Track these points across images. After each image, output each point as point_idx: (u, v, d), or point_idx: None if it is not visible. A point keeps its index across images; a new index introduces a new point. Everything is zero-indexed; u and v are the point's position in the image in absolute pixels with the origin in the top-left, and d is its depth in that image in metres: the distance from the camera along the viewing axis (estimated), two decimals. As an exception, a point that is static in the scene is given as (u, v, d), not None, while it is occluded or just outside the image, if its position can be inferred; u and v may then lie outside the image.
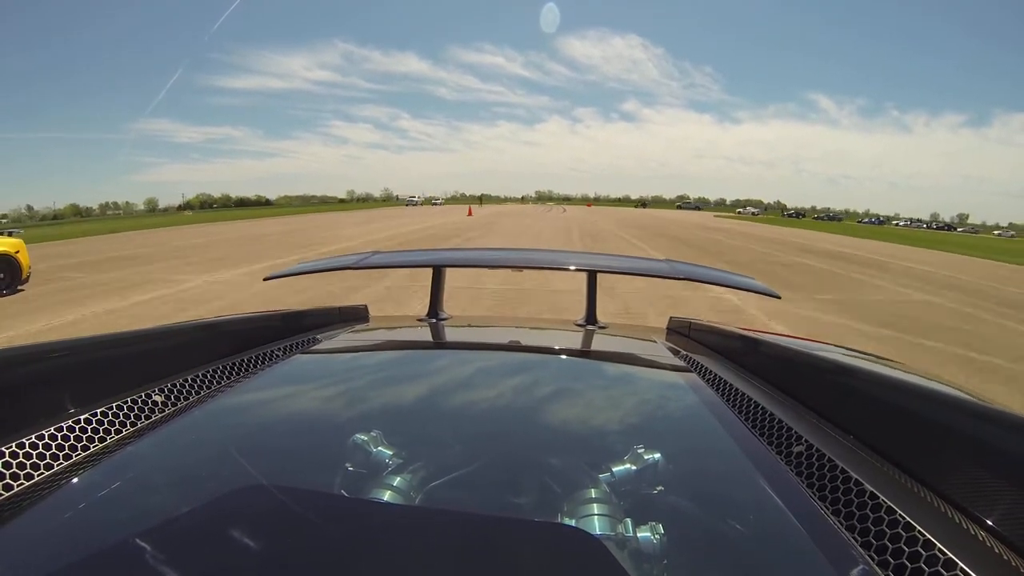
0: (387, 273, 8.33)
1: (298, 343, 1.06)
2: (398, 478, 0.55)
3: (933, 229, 75.29)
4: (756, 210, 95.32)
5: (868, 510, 0.47)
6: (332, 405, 0.80)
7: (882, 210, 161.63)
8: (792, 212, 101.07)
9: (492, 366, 0.99)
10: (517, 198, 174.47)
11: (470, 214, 34.92)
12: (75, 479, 0.54)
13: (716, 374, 0.90)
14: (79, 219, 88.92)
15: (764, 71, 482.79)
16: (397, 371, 0.97)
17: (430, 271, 1.57)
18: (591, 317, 1.47)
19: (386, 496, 0.52)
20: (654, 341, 1.20)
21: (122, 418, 0.66)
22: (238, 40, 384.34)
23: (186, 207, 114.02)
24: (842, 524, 0.46)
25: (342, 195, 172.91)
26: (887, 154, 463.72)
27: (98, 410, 0.64)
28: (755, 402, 0.74)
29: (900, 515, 0.44)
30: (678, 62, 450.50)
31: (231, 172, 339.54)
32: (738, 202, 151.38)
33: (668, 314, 2.08)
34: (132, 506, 0.50)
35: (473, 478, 0.57)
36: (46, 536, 0.44)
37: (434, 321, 1.44)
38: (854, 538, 0.44)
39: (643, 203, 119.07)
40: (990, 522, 0.44)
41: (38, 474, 0.54)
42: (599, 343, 1.27)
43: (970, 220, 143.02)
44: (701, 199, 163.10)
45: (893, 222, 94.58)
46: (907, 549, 0.42)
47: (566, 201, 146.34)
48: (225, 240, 17.47)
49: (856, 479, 0.50)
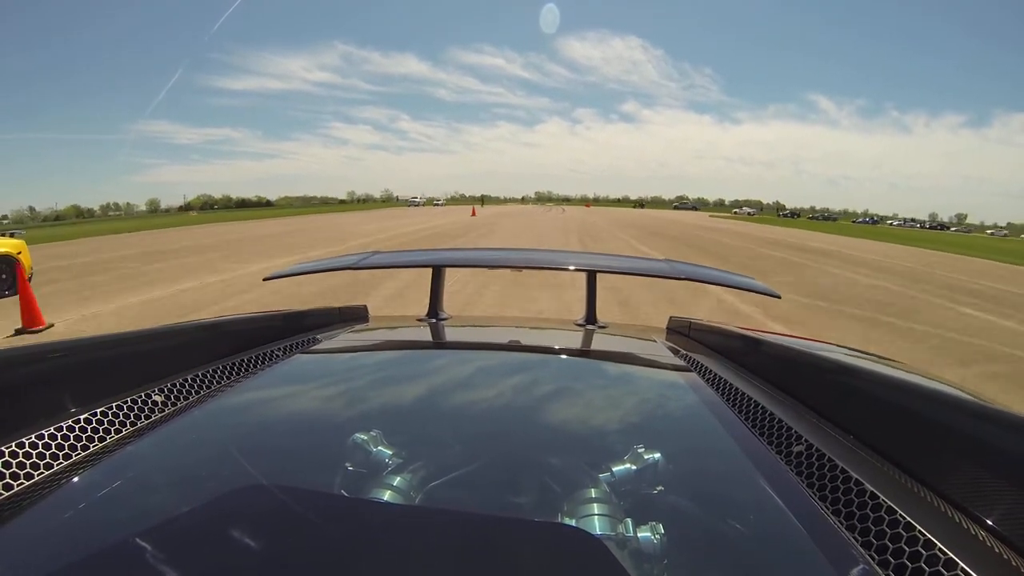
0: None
1: (298, 343, 1.07)
2: (398, 478, 0.55)
3: (927, 229, 76.70)
4: (752, 210, 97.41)
5: (868, 510, 0.47)
6: (332, 405, 0.80)
7: (882, 211, 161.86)
8: (787, 212, 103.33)
9: (492, 366, 0.99)
10: (517, 199, 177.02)
11: (474, 214, 36.53)
12: (75, 479, 0.53)
13: (716, 374, 0.90)
14: (81, 220, 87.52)
15: (764, 72, 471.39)
16: (397, 371, 0.98)
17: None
18: (591, 317, 1.48)
19: (386, 496, 0.52)
20: (654, 341, 1.21)
21: (122, 418, 0.66)
22: (238, 41, 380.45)
23: (187, 208, 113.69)
24: (842, 524, 0.46)
25: (342, 196, 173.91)
26: (887, 155, 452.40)
27: (98, 410, 0.64)
28: (755, 402, 0.74)
29: (900, 515, 0.44)
30: (678, 63, 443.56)
31: (230, 173, 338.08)
32: (737, 203, 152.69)
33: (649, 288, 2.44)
34: (132, 506, 0.50)
35: (473, 478, 0.57)
36: (46, 536, 0.44)
37: (434, 321, 1.45)
38: (854, 538, 0.44)
39: (641, 204, 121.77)
40: (990, 522, 0.44)
41: (38, 474, 0.54)
42: (599, 343, 1.28)
43: (969, 220, 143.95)
44: (700, 200, 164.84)
45: (888, 222, 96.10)
46: (907, 549, 0.41)
47: (565, 202, 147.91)
48: (254, 237, 18.50)
49: (856, 479, 0.50)
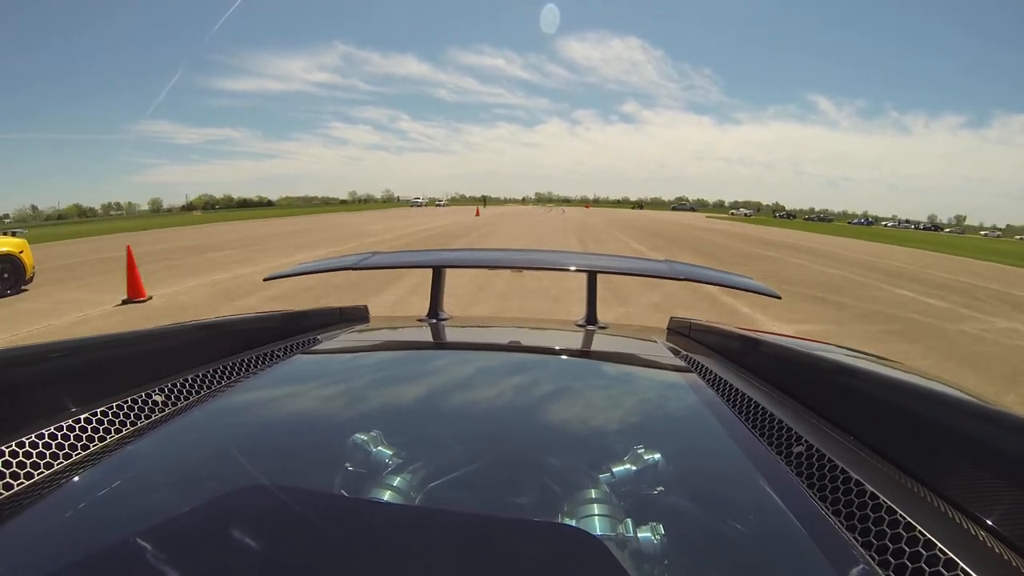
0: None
1: (298, 343, 1.07)
2: (398, 478, 0.55)
3: (920, 230, 78.38)
4: (748, 211, 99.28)
5: (868, 510, 0.47)
6: (332, 405, 0.80)
7: (882, 212, 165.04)
8: (783, 213, 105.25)
9: (492, 366, 0.99)
10: (517, 199, 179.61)
11: (478, 214, 38.29)
12: (75, 479, 0.54)
13: (716, 374, 0.90)
14: (84, 219, 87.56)
15: (763, 72, 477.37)
16: (397, 371, 0.98)
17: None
18: (591, 317, 1.49)
19: (386, 496, 0.53)
20: (654, 341, 1.21)
21: (122, 418, 0.66)
22: (238, 42, 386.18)
23: (190, 208, 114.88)
24: (842, 524, 0.46)
25: (343, 196, 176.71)
26: (886, 155, 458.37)
27: (98, 410, 0.65)
28: (755, 402, 0.75)
29: (900, 515, 0.44)
30: (677, 64, 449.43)
31: (230, 173, 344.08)
32: (736, 204, 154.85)
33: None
34: (132, 506, 0.50)
35: (473, 478, 0.57)
36: (46, 536, 0.44)
37: (434, 321, 1.46)
38: (855, 538, 0.44)
39: (640, 205, 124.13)
40: (990, 522, 0.44)
41: (38, 474, 0.54)
42: (599, 343, 1.27)
43: (968, 222, 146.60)
44: (700, 201, 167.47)
45: (882, 223, 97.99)
46: (908, 549, 0.42)
47: (565, 203, 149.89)
48: (273, 235, 19.59)
49: (856, 479, 0.50)
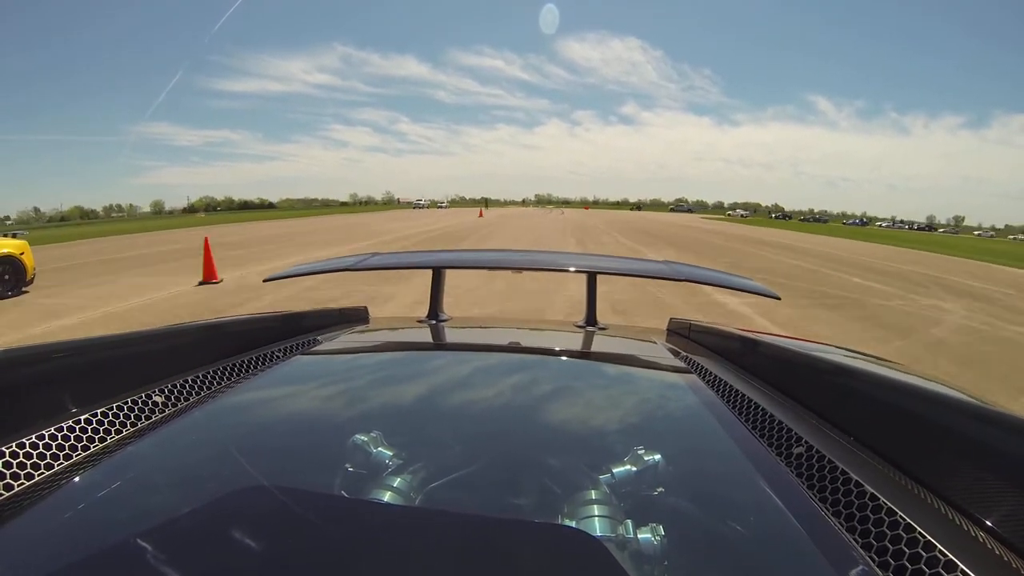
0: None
1: (298, 344, 1.07)
2: (398, 479, 0.55)
3: (914, 230, 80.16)
4: (745, 212, 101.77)
5: (868, 511, 0.47)
6: (332, 406, 0.80)
7: (881, 213, 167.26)
8: (779, 214, 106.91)
9: (492, 367, 1.00)
10: (517, 201, 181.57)
11: (481, 215, 39.95)
12: (75, 479, 0.54)
13: (716, 375, 0.90)
14: (87, 221, 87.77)
15: (763, 73, 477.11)
16: (397, 372, 0.98)
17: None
18: (591, 318, 1.50)
19: (386, 497, 0.53)
20: (654, 342, 1.22)
21: (122, 418, 0.66)
22: (237, 43, 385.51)
23: (192, 210, 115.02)
24: (842, 525, 0.47)
25: (343, 198, 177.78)
26: (886, 156, 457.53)
27: (98, 410, 0.65)
28: (755, 403, 0.75)
29: (900, 516, 0.45)
30: (677, 64, 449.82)
31: (230, 175, 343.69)
32: (735, 205, 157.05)
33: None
34: (132, 506, 0.50)
35: (473, 479, 0.57)
36: (46, 536, 0.44)
37: (434, 323, 1.46)
38: (855, 539, 0.45)
39: (638, 206, 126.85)
40: (990, 523, 0.44)
41: (38, 474, 0.54)
42: (599, 344, 1.27)
43: (967, 222, 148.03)
44: (699, 202, 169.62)
45: (878, 223, 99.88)
46: (908, 550, 0.42)
47: (565, 204, 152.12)
48: (296, 233, 21.12)
49: (856, 480, 0.51)
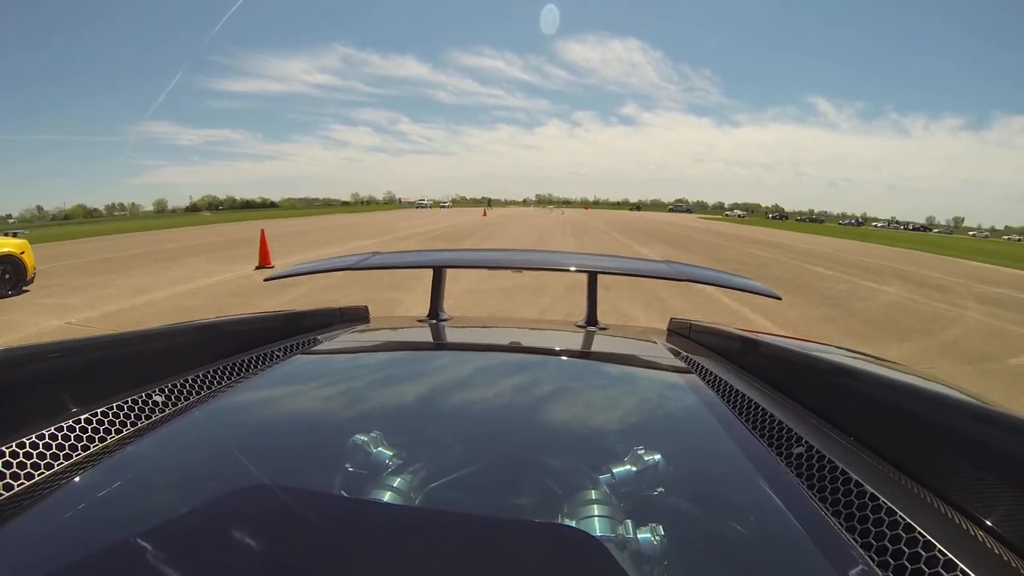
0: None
1: (298, 344, 1.07)
2: (398, 479, 0.55)
3: (909, 230, 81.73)
4: (742, 213, 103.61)
5: (868, 511, 0.47)
6: (332, 405, 0.80)
7: (881, 213, 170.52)
8: (776, 215, 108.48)
9: (492, 367, 1.00)
10: (518, 201, 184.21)
11: (485, 215, 41.61)
12: (75, 479, 0.54)
13: (716, 375, 0.91)
14: (90, 220, 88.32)
15: (763, 74, 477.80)
16: (397, 372, 0.99)
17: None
18: (591, 318, 1.50)
19: (386, 496, 0.53)
20: (654, 342, 1.22)
21: (122, 418, 0.66)
22: (238, 43, 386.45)
23: (195, 208, 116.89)
24: (842, 525, 0.47)
25: (344, 198, 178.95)
26: (886, 157, 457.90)
27: (98, 410, 0.65)
28: (755, 403, 0.75)
29: (900, 516, 0.45)
30: (677, 65, 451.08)
31: (231, 175, 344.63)
32: (735, 205, 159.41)
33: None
34: (132, 506, 0.51)
35: (473, 479, 0.58)
36: (46, 536, 0.44)
37: (434, 322, 1.46)
38: (854, 539, 0.45)
39: (637, 207, 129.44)
40: (990, 523, 0.44)
41: (38, 474, 0.54)
42: (599, 344, 1.27)
43: (966, 223, 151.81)
44: (699, 203, 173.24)
45: (873, 224, 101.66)
46: (907, 550, 0.42)
47: (565, 204, 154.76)
48: (317, 229, 22.39)
49: (856, 480, 0.51)
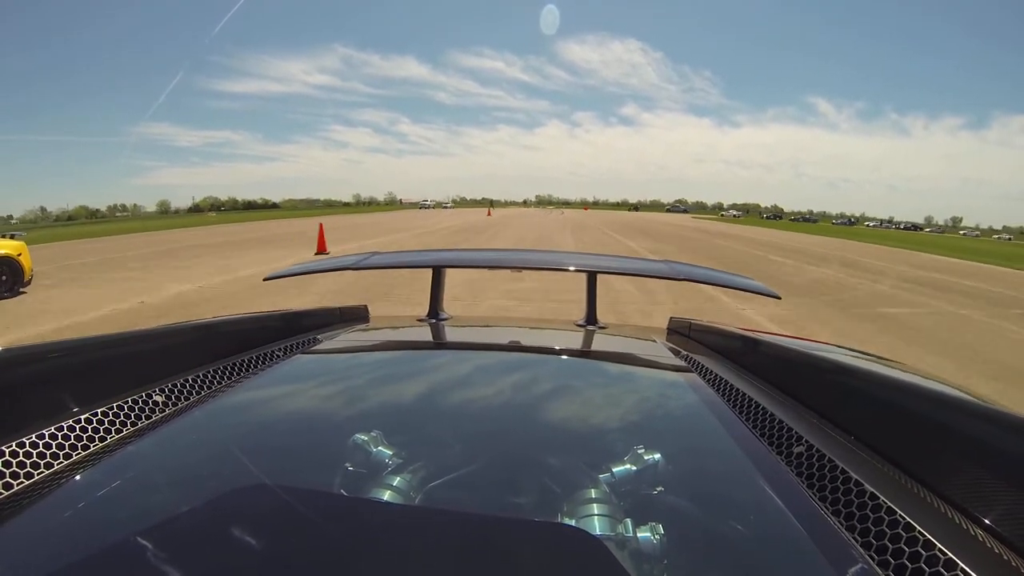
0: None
1: (298, 343, 1.07)
2: (398, 478, 0.55)
3: (901, 229, 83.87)
4: (737, 213, 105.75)
5: (868, 510, 0.47)
6: (332, 405, 0.81)
7: (881, 213, 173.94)
8: (771, 215, 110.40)
9: (492, 366, 1.00)
10: (518, 202, 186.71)
11: (489, 215, 43.27)
12: (75, 478, 0.54)
13: (716, 374, 0.90)
14: (94, 220, 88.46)
15: (763, 74, 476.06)
16: (397, 371, 0.99)
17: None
18: (591, 318, 1.50)
19: (386, 496, 0.53)
20: (654, 341, 1.22)
21: (123, 418, 0.66)
22: (238, 44, 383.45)
23: (197, 209, 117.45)
24: (842, 524, 0.47)
25: (345, 199, 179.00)
26: (886, 157, 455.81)
27: (98, 410, 0.65)
28: (755, 402, 0.75)
29: (900, 515, 0.45)
30: (677, 66, 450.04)
31: (231, 176, 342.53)
32: (735, 206, 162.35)
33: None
34: (132, 505, 0.51)
35: (473, 478, 0.58)
36: (46, 536, 0.44)
37: (434, 321, 1.46)
38: (854, 538, 0.45)
39: (635, 207, 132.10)
40: (990, 522, 0.44)
41: (38, 473, 0.54)
42: (599, 343, 1.28)
43: (965, 223, 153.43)
44: (699, 204, 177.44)
45: (865, 223, 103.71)
46: (907, 549, 0.42)
47: (565, 205, 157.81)
48: (338, 227, 23.10)
49: (856, 479, 0.51)
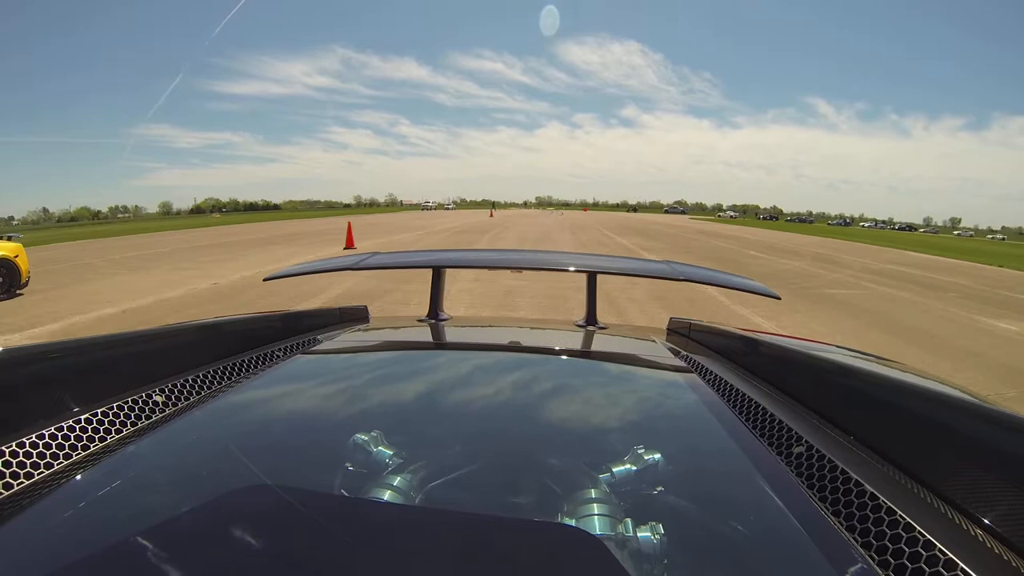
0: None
1: (299, 343, 1.07)
2: (398, 478, 0.55)
3: (895, 230, 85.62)
4: (734, 214, 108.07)
5: (868, 510, 0.47)
6: (332, 405, 0.81)
7: (881, 214, 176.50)
8: (766, 215, 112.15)
9: (492, 366, 1.00)
10: (519, 203, 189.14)
11: (491, 215, 44.89)
12: (75, 478, 0.54)
13: (716, 374, 0.90)
14: (99, 221, 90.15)
15: (763, 75, 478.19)
16: (397, 371, 0.99)
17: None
18: (591, 318, 1.50)
19: (386, 496, 0.53)
20: (654, 341, 1.22)
21: (123, 418, 0.66)
22: (238, 45, 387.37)
23: (198, 211, 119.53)
24: (842, 524, 0.47)
25: (346, 200, 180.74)
26: (886, 158, 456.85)
27: (98, 410, 0.65)
28: (755, 402, 0.75)
29: (900, 515, 0.45)
30: (677, 67, 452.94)
31: (231, 177, 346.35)
32: (735, 207, 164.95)
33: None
34: (132, 506, 0.50)
35: (473, 478, 0.58)
36: (46, 536, 0.44)
37: (434, 322, 1.46)
38: (854, 538, 0.45)
39: (634, 208, 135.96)
40: (989, 522, 0.44)
41: (38, 474, 0.54)
42: (599, 343, 1.28)
43: (964, 223, 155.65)
44: (699, 205, 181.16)
45: (860, 224, 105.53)
46: (907, 549, 0.42)
47: (565, 206, 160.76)
48: (361, 225, 23.64)
49: (856, 479, 0.51)
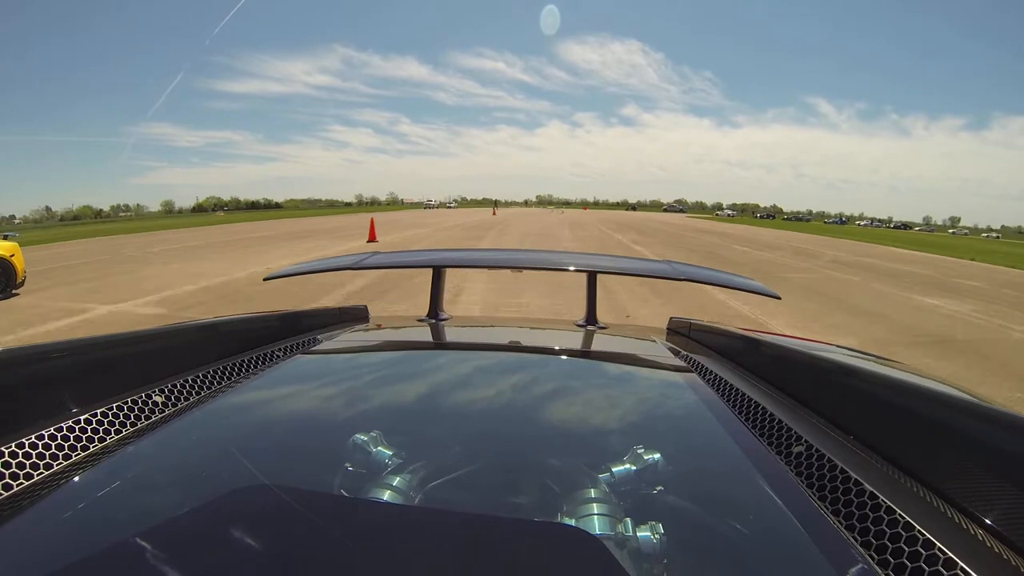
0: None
1: (298, 343, 1.07)
2: (398, 478, 0.55)
3: (891, 228, 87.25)
4: (732, 212, 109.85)
5: (868, 510, 0.47)
6: (332, 405, 0.81)
7: (881, 214, 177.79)
8: (764, 214, 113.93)
9: (492, 366, 1.00)
10: (519, 202, 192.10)
11: (494, 214, 46.25)
12: (75, 479, 0.54)
13: (716, 374, 0.91)
14: (102, 220, 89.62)
15: (763, 75, 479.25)
16: (397, 371, 0.99)
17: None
18: (591, 317, 1.50)
19: (386, 496, 0.53)
20: (654, 341, 1.22)
21: (122, 418, 0.66)
22: (239, 44, 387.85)
23: (200, 209, 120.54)
24: (842, 524, 0.47)
25: (347, 199, 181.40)
26: (887, 158, 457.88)
27: (98, 410, 0.65)
28: (755, 402, 0.75)
29: (900, 515, 0.45)
30: (677, 67, 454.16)
31: (231, 176, 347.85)
32: (734, 206, 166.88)
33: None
34: (132, 506, 0.51)
35: (473, 478, 0.58)
36: (46, 536, 0.44)
37: (434, 322, 1.46)
38: (854, 538, 0.45)
39: (633, 207, 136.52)
40: (990, 522, 0.44)
41: (38, 474, 0.54)
42: (599, 343, 1.28)
43: (962, 223, 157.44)
44: (699, 204, 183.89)
45: (856, 222, 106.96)
46: (907, 549, 0.42)
47: (565, 205, 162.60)
48: (362, 224, 25.62)
49: (856, 479, 0.51)
